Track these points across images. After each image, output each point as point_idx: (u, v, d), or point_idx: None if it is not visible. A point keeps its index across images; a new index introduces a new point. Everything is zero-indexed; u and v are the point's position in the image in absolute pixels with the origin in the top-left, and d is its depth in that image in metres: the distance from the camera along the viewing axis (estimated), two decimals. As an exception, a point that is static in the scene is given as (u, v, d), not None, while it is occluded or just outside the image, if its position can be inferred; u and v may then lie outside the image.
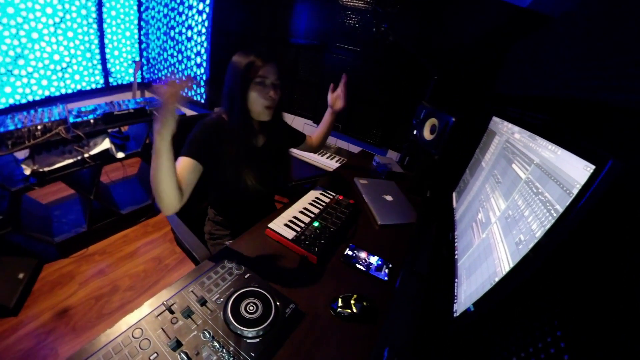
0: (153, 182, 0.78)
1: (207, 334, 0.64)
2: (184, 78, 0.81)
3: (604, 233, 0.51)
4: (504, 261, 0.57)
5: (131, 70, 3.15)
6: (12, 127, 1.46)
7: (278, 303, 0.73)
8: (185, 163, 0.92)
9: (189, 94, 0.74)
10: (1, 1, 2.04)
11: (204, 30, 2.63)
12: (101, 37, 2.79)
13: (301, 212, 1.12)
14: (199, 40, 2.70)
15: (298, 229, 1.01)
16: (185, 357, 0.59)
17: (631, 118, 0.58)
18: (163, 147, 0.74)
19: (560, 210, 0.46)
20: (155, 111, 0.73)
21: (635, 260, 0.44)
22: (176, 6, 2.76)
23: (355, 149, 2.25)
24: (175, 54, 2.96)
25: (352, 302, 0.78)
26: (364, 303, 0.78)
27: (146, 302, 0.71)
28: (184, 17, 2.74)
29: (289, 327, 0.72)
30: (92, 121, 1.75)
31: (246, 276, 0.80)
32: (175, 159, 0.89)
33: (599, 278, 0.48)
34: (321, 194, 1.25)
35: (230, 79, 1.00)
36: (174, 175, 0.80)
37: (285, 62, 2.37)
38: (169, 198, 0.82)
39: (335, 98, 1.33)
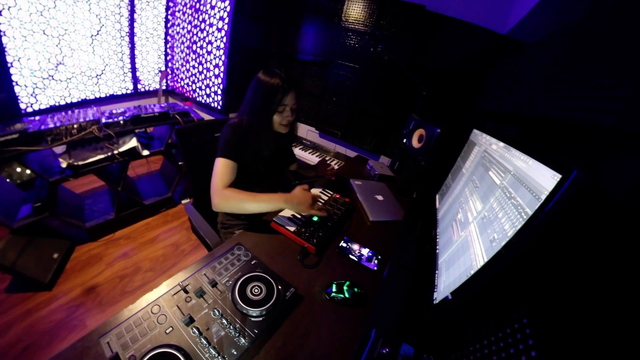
0: (245, 209, 0.93)
1: (216, 312, 0.64)
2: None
3: (565, 234, 0.51)
4: (479, 256, 0.57)
5: (157, 79, 3.16)
6: (51, 126, 1.46)
7: (280, 287, 0.73)
8: (227, 165, 0.97)
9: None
10: (46, 15, 2.04)
11: (222, 45, 2.62)
12: (132, 48, 2.79)
13: (302, 207, 1.12)
14: (217, 54, 2.69)
15: (299, 223, 1.01)
16: (197, 332, 0.59)
17: (594, 133, 0.58)
18: (278, 206, 0.94)
19: (530, 213, 0.46)
20: (300, 202, 0.93)
21: (595, 257, 0.44)
22: (198, 24, 2.76)
23: (351, 153, 2.25)
24: (196, 65, 2.96)
25: (345, 288, 0.78)
26: (355, 289, 0.78)
27: (164, 283, 0.71)
28: (205, 33, 2.74)
29: (289, 308, 0.72)
30: (121, 122, 1.75)
31: (252, 262, 0.80)
32: (211, 160, 0.99)
33: (562, 274, 0.48)
34: (320, 192, 1.25)
35: (256, 97, 1.02)
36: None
37: (293, 76, 2.37)
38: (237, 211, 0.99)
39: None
